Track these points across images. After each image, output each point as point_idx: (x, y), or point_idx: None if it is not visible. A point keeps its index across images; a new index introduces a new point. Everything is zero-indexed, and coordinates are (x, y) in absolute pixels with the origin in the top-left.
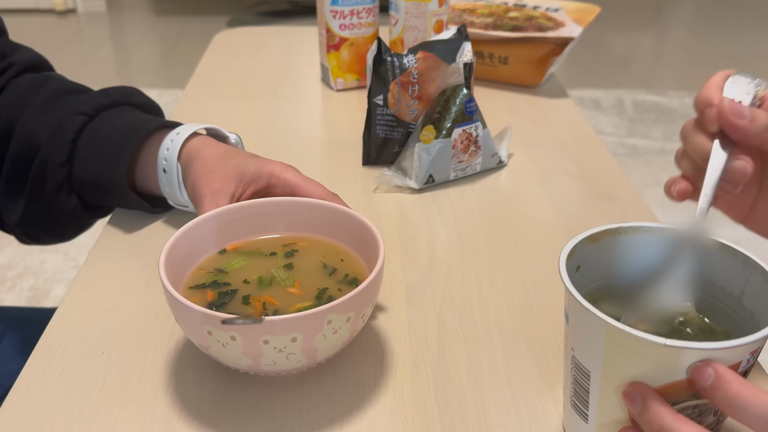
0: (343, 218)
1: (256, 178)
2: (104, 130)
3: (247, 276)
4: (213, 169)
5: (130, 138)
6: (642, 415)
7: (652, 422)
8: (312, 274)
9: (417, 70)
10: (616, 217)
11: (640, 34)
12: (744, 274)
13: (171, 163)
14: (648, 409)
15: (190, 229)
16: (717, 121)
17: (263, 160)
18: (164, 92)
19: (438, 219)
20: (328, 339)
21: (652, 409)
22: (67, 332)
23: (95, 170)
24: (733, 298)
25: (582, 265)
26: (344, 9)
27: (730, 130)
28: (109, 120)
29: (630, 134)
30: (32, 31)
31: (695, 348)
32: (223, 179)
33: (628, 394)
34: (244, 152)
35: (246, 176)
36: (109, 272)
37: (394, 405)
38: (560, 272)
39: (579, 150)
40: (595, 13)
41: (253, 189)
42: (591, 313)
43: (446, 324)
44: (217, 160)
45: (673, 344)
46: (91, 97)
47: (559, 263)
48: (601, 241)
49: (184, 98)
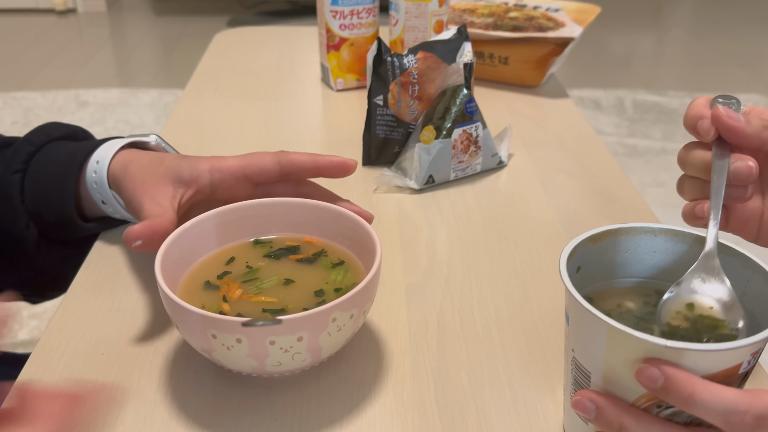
0: (336, 217)
1: (194, 177)
2: (41, 179)
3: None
4: (144, 180)
5: (64, 183)
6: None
7: (612, 422)
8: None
9: (417, 71)
10: (616, 217)
11: (641, 35)
12: (744, 275)
13: (105, 193)
14: (604, 412)
15: (185, 231)
16: (712, 128)
17: (195, 158)
18: (164, 92)
19: (438, 219)
20: (333, 336)
21: (608, 411)
22: (66, 333)
23: (52, 219)
24: None
25: (583, 265)
26: (344, 9)
27: (728, 133)
28: (41, 166)
29: (630, 134)
30: (32, 31)
31: (696, 349)
32: (156, 185)
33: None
34: (172, 155)
35: (183, 178)
36: (108, 273)
37: (394, 405)
38: (561, 273)
39: (579, 150)
40: (596, 13)
41: (195, 189)
42: (592, 315)
43: (446, 324)
44: (145, 170)
45: (674, 345)
46: (17, 150)
47: (560, 264)
48: (601, 241)
49: (184, 98)
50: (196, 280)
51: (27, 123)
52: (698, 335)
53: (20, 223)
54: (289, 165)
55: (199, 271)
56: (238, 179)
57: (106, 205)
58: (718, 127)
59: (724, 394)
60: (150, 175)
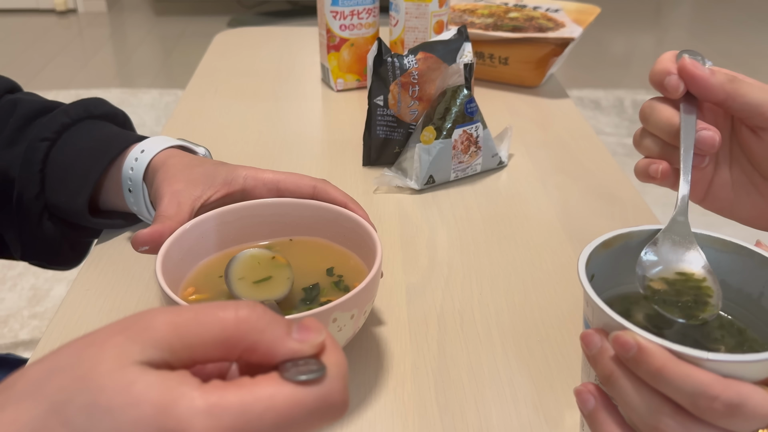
0: (336, 217)
1: (228, 181)
2: (68, 154)
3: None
4: (176, 174)
5: (92, 165)
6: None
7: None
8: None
9: (417, 71)
10: (615, 217)
11: (640, 35)
12: (762, 275)
13: (136, 183)
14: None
15: (186, 231)
16: (680, 84)
17: (235, 165)
18: (164, 92)
19: (438, 219)
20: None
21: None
22: (67, 333)
23: (62, 198)
24: (751, 300)
25: (596, 273)
26: (344, 9)
27: (693, 83)
28: (72, 142)
29: (630, 134)
30: (33, 31)
31: (737, 361)
32: (188, 182)
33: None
34: (214, 161)
35: (217, 180)
36: (109, 273)
37: (395, 406)
38: (584, 285)
39: (579, 150)
40: (595, 13)
41: (226, 191)
42: (625, 329)
43: (446, 325)
44: (182, 167)
45: (717, 358)
46: (52, 119)
47: (580, 275)
48: (613, 246)
49: (184, 98)
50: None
51: None
52: (678, 296)
53: (31, 191)
54: (323, 195)
55: (200, 272)
56: (271, 191)
57: (132, 193)
58: (684, 77)
59: (695, 374)
60: (185, 172)
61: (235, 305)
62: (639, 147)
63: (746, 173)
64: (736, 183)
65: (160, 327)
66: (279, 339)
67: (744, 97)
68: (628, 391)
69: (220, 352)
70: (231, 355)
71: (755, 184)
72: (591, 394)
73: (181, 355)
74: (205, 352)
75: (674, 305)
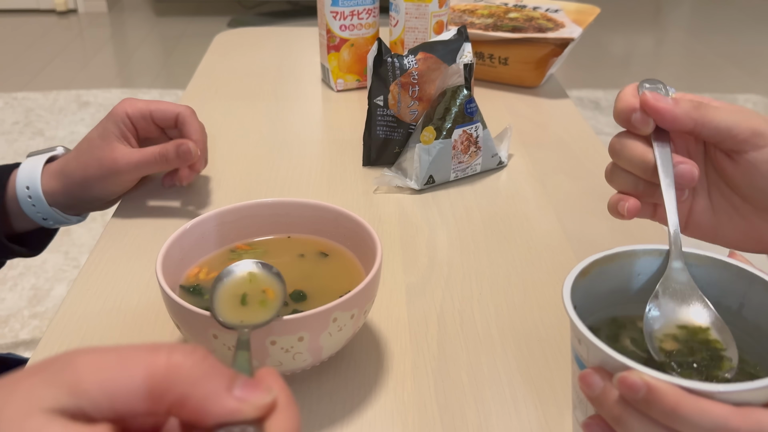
0: (336, 217)
1: (115, 120)
2: None
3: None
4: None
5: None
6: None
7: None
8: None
9: (417, 71)
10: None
11: (640, 35)
12: (739, 287)
13: (46, 212)
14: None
15: (186, 231)
16: (648, 120)
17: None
18: (165, 93)
19: (438, 219)
20: (334, 336)
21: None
22: (68, 333)
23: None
24: (730, 312)
25: (577, 303)
26: (344, 10)
27: (659, 117)
28: None
29: None
30: (33, 32)
31: (749, 389)
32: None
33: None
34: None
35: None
36: (110, 273)
37: (395, 405)
38: (575, 322)
39: (579, 150)
40: (595, 14)
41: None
42: (619, 362)
43: (446, 324)
44: (80, 157)
45: (729, 389)
46: None
47: (568, 310)
48: (590, 274)
49: (184, 99)
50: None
51: (28, 123)
52: (692, 354)
53: None
54: (182, 126)
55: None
56: (146, 119)
57: (47, 220)
58: (648, 111)
59: (711, 408)
60: (90, 155)
61: (169, 348)
62: (611, 182)
63: (725, 197)
64: (716, 208)
65: (78, 369)
66: (214, 394)
67: (712, 122)
68: (642, 431)
69: (145, 404)
70: (158, 408)
71: (735, 207)
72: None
73: (100, 405)
74: (127, 403)
75: (691, 368)
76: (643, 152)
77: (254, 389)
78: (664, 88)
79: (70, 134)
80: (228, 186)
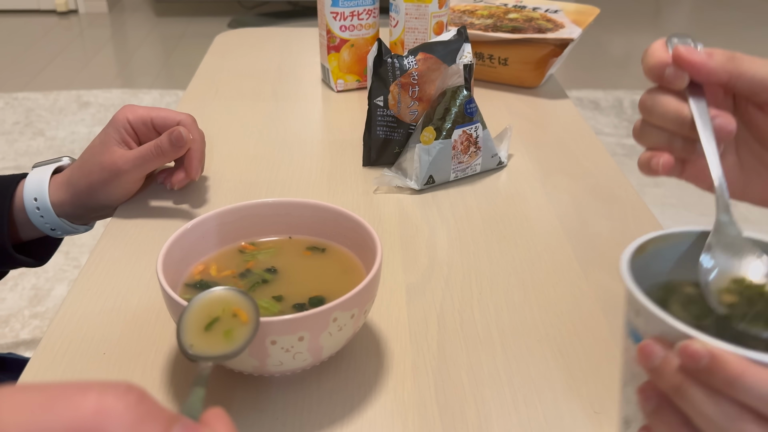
0: (336, 217)
1: (117, 127)
2: None
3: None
4: (91, 169)
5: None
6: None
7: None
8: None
9: (417, 72)
10: (615, 217)
11: (639, 35)
12: None
13: (55, 223)
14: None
15: (186, 231)
16: (682, 74)
17: (110, 122)
18: (165, 93)
19: (438, 220)
20: (334, 336)
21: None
22: (68, 333)
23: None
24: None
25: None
26: (345, 10)
27: (694, 71)
28: None
29: (629, 135)
30: (34, 32)
31: None
32: (105, 154)
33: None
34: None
35: (121, 134)
36: (110, 272)
37: (395, 405)
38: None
39: (578, 150)
40: (595, 14)
41: (121, 132)
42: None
43: (446, 324)
44: (85, 166)
45: None
46: None
47: (627, 282)
48: (647, 251)
49: (185, 99)
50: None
51: (29, 123)
52: (751, 307)
53: None
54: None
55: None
56: (147, 125)
57: (55, 230)
58: (682, 65)
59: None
60: (92, 161)
61: (100, 389)
62: (641, 139)
63: (754, 153)
64: (745, 165)
65: (1, 411)
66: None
67: (747, 73)
68: (703, 401)
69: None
70: None
71: (765, 163)
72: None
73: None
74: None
75: (758, 320)
76: (678, 107)
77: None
78: (694, 42)
79: (71, 134)
80: (228, 186)
